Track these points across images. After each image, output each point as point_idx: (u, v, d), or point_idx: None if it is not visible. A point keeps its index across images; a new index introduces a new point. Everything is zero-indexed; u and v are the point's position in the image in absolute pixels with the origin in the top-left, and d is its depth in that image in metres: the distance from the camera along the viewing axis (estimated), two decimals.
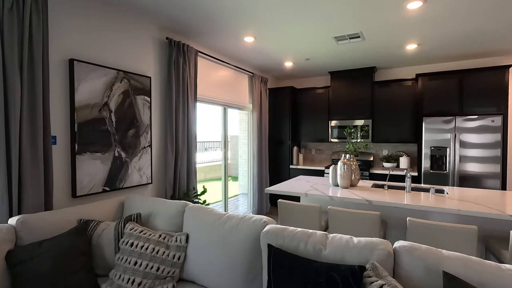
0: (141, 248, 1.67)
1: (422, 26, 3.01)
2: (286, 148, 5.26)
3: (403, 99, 4.52)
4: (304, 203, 2.48)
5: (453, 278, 1.04)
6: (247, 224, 1.62)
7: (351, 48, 3.74)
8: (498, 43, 3.54)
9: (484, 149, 3.72)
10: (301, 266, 1.24)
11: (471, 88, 3.89)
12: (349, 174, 2.89)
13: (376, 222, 2.14)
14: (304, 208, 2.43)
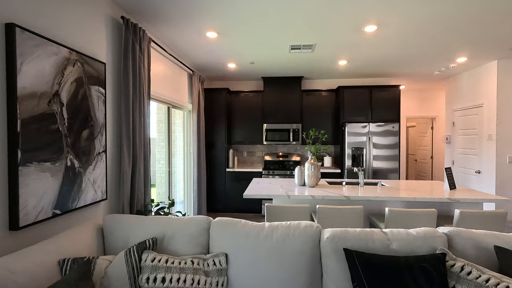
0: (178, 282, 1.31)
1: (360, 46, 3.60)
2: (222, 150, 5.13)
3: (327, 106, 5.23)
4: (292, 204, 2.52)
5: (501, 249, 1.34)
6: (299, 232, 1.53)
7: (297, 57, 4.04)
8: (397, 67, 4.61)
9: (388, 149, 4.76)
10: (390, 264, 1.29)
11: (378, 100, 4.91)
12: (316, 174, 3.13)
13: (361, 214, 2.41)
14: (293, 209, 2.47)
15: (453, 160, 5.19)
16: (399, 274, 1.26)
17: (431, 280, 1.24)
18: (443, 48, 3.60)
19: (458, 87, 5.04)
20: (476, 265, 1.28)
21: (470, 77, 4.70)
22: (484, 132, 4.39)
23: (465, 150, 4.85)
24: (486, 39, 3.28)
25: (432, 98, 6.48)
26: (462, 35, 3.16)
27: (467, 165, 4.80)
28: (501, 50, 3.71)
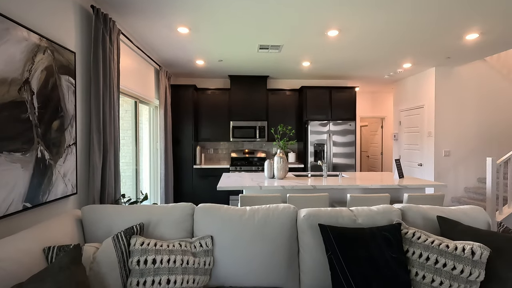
0: (168, 263, 1.38)
1: (323, 49, 3.90)
2: (189, 147, 5.11)
3: (291, 105, 5.52)
4: (264, 194, 2.68)
5: (443, 218, 1.64)
6: (278, 213, 1.68)
7: (264, 56, 4.23)
8: (353, 70, 5.05)
9: (346, 147, 5.19)
10: (358, 234, 1.51)
11: (336, 100, 5.32)
12: (284, 167, 3.34)
13: (326, 201, 2.66)
14: (266, 199, 2.63)
15: (400, 155, 5.84)
16: (365, 241, 1.48)
17: (390, 245, 1.48)
18: (392, 54, 4.07)
19: (404, 90, 5.68)
20: (424, 231, 1.56)
21: (414, 81, 5.34)
22: (425, 130, 5.02)
23: (410, 146, 5.49)
24: (427, 48, 3.79)
25: (382, 100, 7.17)
26: (408, 43, 3.62)
27: (411, 158, 5.44)
28: (439, 59, 4.31)
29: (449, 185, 4.79)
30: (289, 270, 1.62)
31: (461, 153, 4.79)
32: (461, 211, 1.77)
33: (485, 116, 4.82)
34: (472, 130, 4.80)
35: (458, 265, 1.37)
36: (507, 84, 4.85)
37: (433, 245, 1.45)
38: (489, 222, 1.75)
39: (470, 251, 1.38)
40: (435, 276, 1.40)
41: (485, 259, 1.37)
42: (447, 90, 4.76)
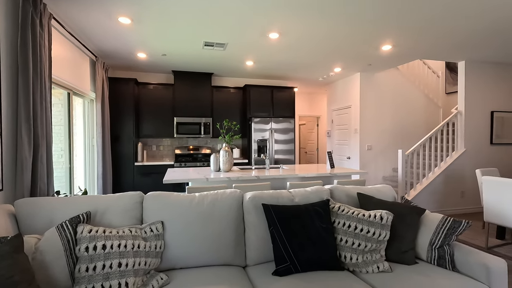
0: (119, 247, 1.41)
1: (265, 50, 4.17)
2: (129, 144, 4.89)
3: (235, 102, 5.70)
4: (211, 185, 2.80)
5: (361, 194, 2.00)
6: (226, 196, 1.83)
7: (209, 54, 4.31)
8: (292, 72, 5.48)
9: (286, 144, 5.59)
10: (295, 210, 1.75)
11: (278, 99, 5.69)
12: (230, 160, 3.50)
13: (269, 188, 2.90)
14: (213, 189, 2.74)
15: (332, 149, 6.52)
16: (301, 216, 1.73)
17: (321, 217, 1.75)
18: (325, 59, 4.56)
19: (335, 92, 6.37)
20: (347, 205, 1.88)
21: (343, 84, 6.03)
22: (352, 127, 5.72)
23: (340, 141, 6.18)
24: (353, 55, 4.37)
25: (317, 100, 7.87)
26: (338, 50, 4.12)
27: (341, 153, 6.14)
28: (363, 65, 4.98)
29: (371, 174, 5.55)
30: (237, 248, 1.78)
31: (380, 147, 5.60)
32: (375, 189, 2.17)
33: (398, 115, 5.73)
34: (388, 127, 5.66)
35: (371, 229, 1.71)
36: (414, 89, 5.84)
37: (353, 215, 1.77)
38: (395, 196, 2.18)
39: (379, 217, 1.73)
40: (354, 240, 1.71)
41: (390, 222, 1.74)
42: (369, 93, 5.52)
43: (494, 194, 3.06)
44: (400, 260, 1.77)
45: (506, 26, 3.25)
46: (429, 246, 1.78)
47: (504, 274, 1.58)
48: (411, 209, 1.87)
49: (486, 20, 3.09)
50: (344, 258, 1.71)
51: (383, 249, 1.74)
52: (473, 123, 4.79)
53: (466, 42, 3.79)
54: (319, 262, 1.65)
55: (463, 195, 4.81)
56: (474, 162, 4.82)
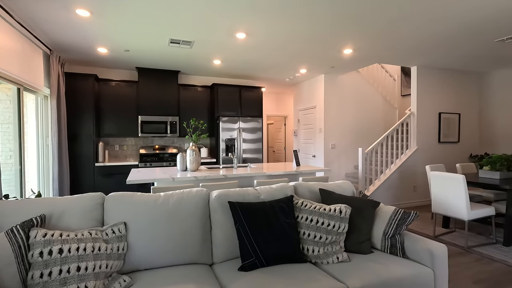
0: (78, 251, 1.35)
1: (233, 50, 4.19)
2: (89, 143, 4.63)
3: (203, 101, 5.64)
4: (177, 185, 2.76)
5: (323, 190, 2.11)
6: (192, 195, 1.83)
7: (175, 51, 4.23)
8: (260, 72, 5.55)
9: (254, 143, 5.65)
10: (260, 207, 1.80)
11: (246, 99, 5.74)
12: (197, 159, 3.47)
13: (236, 187, 2.94)
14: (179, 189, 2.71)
15: (299, 148, 6.72)
16: (266, 212, 1.79)
17: (285, 212, 1.83)
18: (291, 60, 4.70)
19: (301, 92, 6.57)
20: (310, 201, 1.97)
21: (309, 85, 6.24)
22: (317, 127, 5.95)
23: (306, 140, 6.40)
24: (318, 57, 4.55)
25: (285, 100, 8.05)
26: (304, 52, 4.26)
27: (307, 151, 6.35)
28: (326, 67, 5.20)
29: (335, 171, 5.83)
30: (203, 246, 1.78)
31: (343, 145, 5.90)
32: (336, 185, 2.30)
33: (359, 116, 6.07)
34: (350, 127, 5.97)
35: (331, 222, 1.82)
36: (373, 91, 6.23)
37: (315, 210, 1.87)
38: (353, 191, 2.33)
39: (339, 211, 1.85)
40: (316, 233, 1.81)
41: (348, 215, 1.86)
42: (333, 94, 5.78)
43: (440, 187, 3.39)
44: (357, 250, 1.90)
45: (449, 35, 3.60)
46: (383, 236, 1.94)
47: (444, 258, 1.77)
48: (367, 203, 2.02)
49: (433, 29, 3.41)
50: (307, 251, 1.80)
51: (342, 240, 1.86)
52: (424, 123, 5.24)
53: (417, 48, 4.14)
54: (283, 255, 1.72)
55: (415, 189, 5.24)
56: (424, 159, 5.28)
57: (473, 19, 3.11)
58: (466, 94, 5.67)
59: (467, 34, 3.56)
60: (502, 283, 2.43)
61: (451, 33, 3.51)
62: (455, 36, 3.61)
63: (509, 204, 3.22)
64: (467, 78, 5.67)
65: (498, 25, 3.28)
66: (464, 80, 5.64)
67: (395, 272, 1.65)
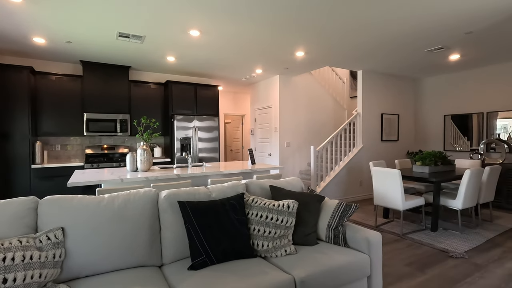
0: (4, 261, 1.23)
1: (187, 47, 4.11)
2: (24, 143, 4.17)
3: (157, 99, 5.43)
4: (126, 186, 2.63)
5: (273, 186, 2.19)
6: (139, 196, 1.77)
7: (125, 45, 4.01)
8: (216, 70, 5.52)
9: (210, 142, 5.61)
10: (211, 205, 1.81)
11: (201, 97, 5.66)
12: (149, 159, 3.34)
13: (189, 186, 2.90)
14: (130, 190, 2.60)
15: (256, 147, 6.84)
16: (216, 210, 1.80)
17: (236, 210, 1.86)
18: (247, 60, 4.76)
19: (258, 92, 6.69)
20: (260, 197, 2.04)
21: (265, 85, 6.38)
22: (273, 126, 6.12)
23: (263, 139, 6.54)
24: (272, 59, 4.67)
25: (242, 99, 8.11)
26: (258, 53, 4.35)
27: (263, 150, 6.49)
28: (280, 69, 5.36)
29: (289, 169, 6.05)
30: (152, 247, 1.74)
31: (297, 144, 6.14)
32: (285, 181, 2.40)
33: (312, 115, 6.37)
34: (303, 126, 6.24)
35: (280, 217, 1.90)
36: (324, 92, 6.59)
37: (265, 206, 1.94)
38: (302, 187, 2.46)
39: (287, 206, 1.94)
40: (265, 228, 1.88)
41: (295, 210, 1.96)
42: (287, 94, 5.98)
43: (380, 181, 3.73)
44: (304, 242, 2.01)
45: (388, 44, 3.97)
46: (327, 228, 2.08)
47: (379, 244, 1.97)
48: (314, 198, 2.15)
49: (375, 38, 3.73)
50: (257, 246, 1.86)
51: (290, 234, 1.96)
52: (368, 123, 5.69)
53: (362, 54, 4.49)
54: (234, 252, 1.75)
55: (361, 184, 5.68)
56: (369, 156, 5.74)
57: (407, 30, 3.47)
58: (403, 97, 6.30)
59: (403, 44, 3.96)
60: (428, 263, 2.77)
61: (390, 42, 3.87)
62: (393, 45, 4.00)
63: (436, 195, 3.67)
64: (404, 83, 6.30)
65: (427, 36, 3.71)
66: (402, 85, 6.25)
67: (336, 260, 1.79)
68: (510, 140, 5.00)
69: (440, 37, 3.72)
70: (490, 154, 5.23)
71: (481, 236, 3.48)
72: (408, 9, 2.90)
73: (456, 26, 3.35)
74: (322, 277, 1.69)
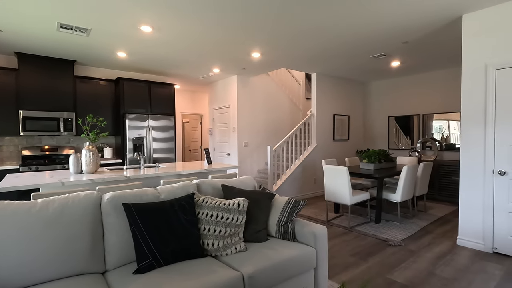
0: None
1: (139, 43, 3.94)
2: None
3: (106, 96, 5.11)
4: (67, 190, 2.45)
5: (225, 185, 2.21)
6: (79, 200, 1.66)
7: (68, 38, 3.71)
8: (172, 68, 5.36)
9: (166, 142, 5.44)
10: (159, 206, 1.77)
11: (156, 95, 5.46)
12: (95, 160, 3.14)
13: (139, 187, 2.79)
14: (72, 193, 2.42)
15: (214, 147, 6.79)
16: (165, 211, 1.77)
17: (185, 210, 1.84)
18: (203, 59, 4.70)
19: (216, 91, 6.64)
20: (212, 197, 2.04)
21: (223, 84, 6.36)
22: (231, 125, 6.13)
23: (221, 139, 6.51)
24: (228, 58, 4.68)
25: (200, 99, 7.99)
26: (213, 52, 4.32)
27: (222, 149, 6.47)
28: (238, 69, 5.40)
29: (248, 168, 6.12)
30: (93, 253, 1.64)
31: (255, 143, 6.23)
32: (238, 180, 2.44)
33: (269, 115, 6.52)
34: (262, 126, 6.36)
35: (230, 215, 1.93)
36: (281, 93, 6.78)
37: (216, 205, 1.95)
38: (255, 185, 2.51)
39: (237, 204, 1.97)
40: (216, 227, 1.89)
41: (245, 208, 2.00)
42: (245, 94, 6.04)
43: (330, 178, 3.96)
44: (255, 239, 2.06)
45: (337, 48, 4.23)
46: (277, 224, 2.16)
47: (324, 237, 2.10)
48: (264, 195, 2.21)
49: (326, 43, 3.94)
50: (207, 245, 1.86)
51: (241, 232, 1.99)
52: (322, 123, 6.00)
53: (314, 58, 4.71)
54: (183, 253, 1.74)
55: (316, 181, 5.96)
56: (322, 154, 6.05)
57: (354, 37, 3.73)
58: (353, 99, 6.75)
59: (350, 49, 4.25)
60: (371, 252, 3.02)
61: (338, 47, 4.12)
62: (341, 50, 4.26)
63: (379, 189, 4.00)
64: (354, 86, 6.75)
65: (371, 43, 4.02)
66: (352, 87, 6.69)
67: (284, 255, 1.87)
68: (443, 139, 5.65)
69: (382, 45, 4.06)
70: (425, 152, 5.85)
71: (416, 225, 3.88)
72: (354, 17, 3.12)
73: (395, 36, 3.69)
74: (270, 271, 1.75)
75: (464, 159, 3.14)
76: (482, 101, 2.99)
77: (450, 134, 5.54)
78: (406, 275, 2.52)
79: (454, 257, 2.88)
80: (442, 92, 5.63)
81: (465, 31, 3.09)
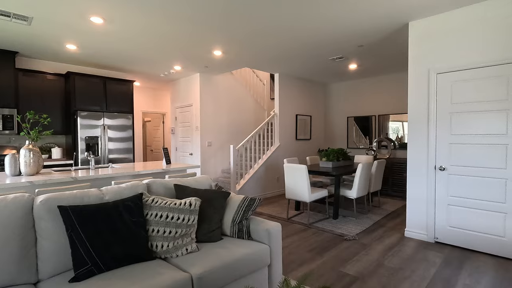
0: None
1: (91, 35, 3.68)
2: None
3: (55, 92, 4.72)
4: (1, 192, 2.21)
5: (177, 185, 2.13)
6: (5, 204, 1.49)
7: (6, 26, 3.36)
8: (129, 64, 5.10)
9: (124, 142, 5.16)
10: (101, 209, 1.65)
11: (112, 92, 5.16)
12: (37, 161, 2.87)
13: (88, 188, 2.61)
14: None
15: (177, 147, 6.59)
16: (108, 213, 1.65)
17: (132, 212, 1.74)
18: (162, 56, 4.53)
19: (178, 90, 6.46)
20: (162, 197, 1.96)
21: (185, 82, 6.20)
22: (193, 125, 5.99)
23: (184, 138, 6.34)
24: (189, 56, 4.56)
25: (162, 97, 7.72)
26: (172, 49, 4.19)
27: (185, 149, 6.31)
28: (200, 67, 5.29)
29: (211, 168, 6.02)
30: (23, 262, 1.49)
31: (219, 143, 6.16)
32: (193, 179, 2.37)
33: (233, 115, 6.48)
34: (225, 125, 6.30)
35: (181, 215, 1.86)
36: (246, 93, 6.78)
37: (166, 205, 1.87)
38: (211, 184, 2.47)
39: (188, 204, 1.91)
40: (165, 228, 1.81)
41: (197, 207, 1.95)
42: (208, 93, 5.94)
43: (290, 176, 4.03)
44: (208, 239, 2.02)
45: (298, 49, 4.32)
46: (232, 223, 2.13)
47: (278, 234, 2.12)
48: (219, 194, 2.17)
49: (286, 44, 4.00)
50: (156, 247, 1.78)
51: (194, 232, 1.94)
52: (285, 123, 6.10)
53: (276, 58, 4.77)
54: (128, 257, 1.64)
55: (278, 180, 6.04)
56: (285, 153, 6.15)
57: (312, 39, 3.83)
58: (315, 100, 6.96)
59: (309, 50, 4.36)
60: (327, 247, 3.11)
61: (298, 48, 4.22)
62: (301, 51, 4.36)
63: (336, 187, 4.16)
64: (315, 87, 6.96)
65: (329, 46, 4.16)
66: (313, 88, 6.90)
67: (237, 254, 1.85)
68: (398, 139, 6.03)
69: (339, 48, 4.23)
70: (380, 150, 6.21)
71: (370, 220, 4.09)
72: (308, 20, 3.20)
73: (351, 39, 3.85)
74: (221, 271, 1.72)
75: (411, 156, 3.37)
76: (425, 103, 3.23)
77: (404, 134, 5.94)
78: (358, 267, 2.64)
79: (401, 248, 3.08)
80: (396, 94, 6.02)
81: (411, 37, 3.32)
